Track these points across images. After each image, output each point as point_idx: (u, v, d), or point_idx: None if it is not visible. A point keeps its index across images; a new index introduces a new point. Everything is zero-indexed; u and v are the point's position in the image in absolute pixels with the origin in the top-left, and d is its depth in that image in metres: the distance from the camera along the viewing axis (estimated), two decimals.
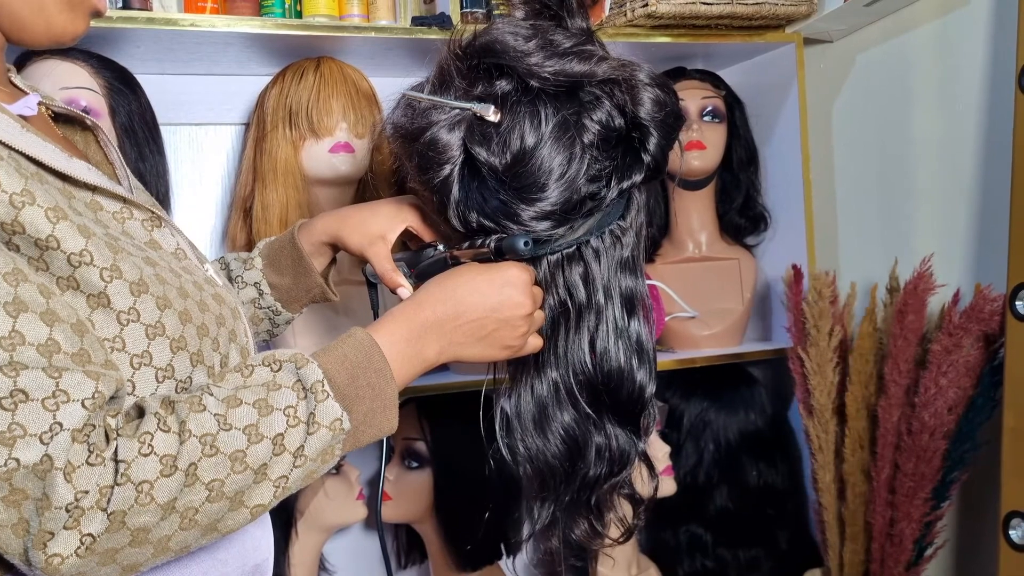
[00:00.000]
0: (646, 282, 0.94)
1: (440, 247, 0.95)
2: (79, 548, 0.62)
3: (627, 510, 1.00)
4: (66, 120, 0.89)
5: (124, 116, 1.33)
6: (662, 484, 1.55)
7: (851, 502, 1.52)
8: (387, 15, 1.52)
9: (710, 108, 1.70)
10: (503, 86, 0.85)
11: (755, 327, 1.83)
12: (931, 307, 1.44)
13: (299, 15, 1.48)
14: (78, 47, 1.32)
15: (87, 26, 0.80)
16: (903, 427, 1.42)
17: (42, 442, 0.61)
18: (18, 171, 0.66)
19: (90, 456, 0.62)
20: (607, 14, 1.60)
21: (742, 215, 1.79)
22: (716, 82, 1.75)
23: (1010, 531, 1.23)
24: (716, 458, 1.70)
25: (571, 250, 0.89)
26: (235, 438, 0.67)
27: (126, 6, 1.34)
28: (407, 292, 0.96)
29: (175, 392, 0.72)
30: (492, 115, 0.85)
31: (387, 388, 0.76)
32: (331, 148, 1.44)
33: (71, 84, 1.29)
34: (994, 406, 1.36)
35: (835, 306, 1.56)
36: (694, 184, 1.73)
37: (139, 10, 1.34)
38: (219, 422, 0.67)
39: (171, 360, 0.72)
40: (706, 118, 1.70)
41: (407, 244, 1.03)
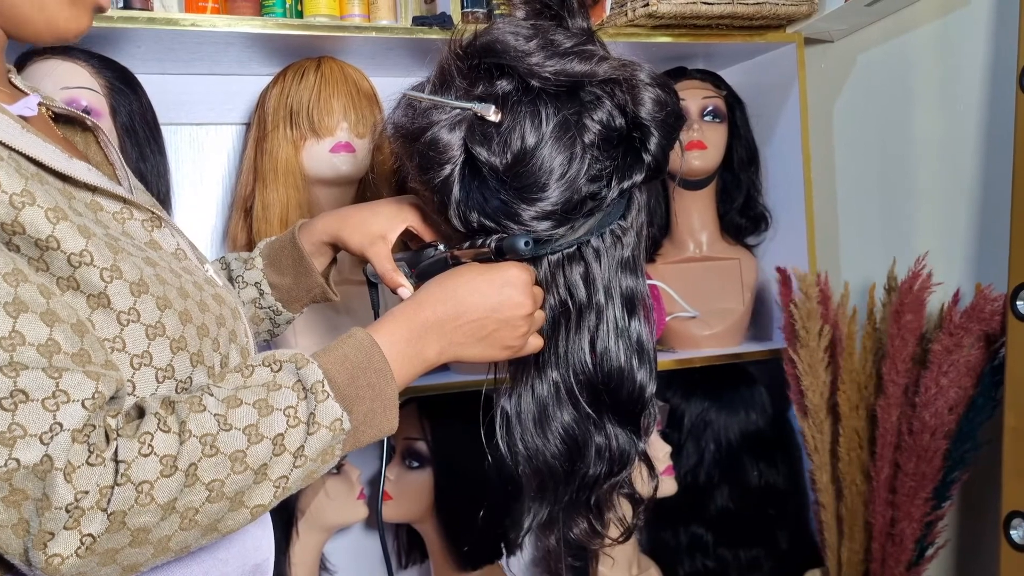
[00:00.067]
0: (647, 282, 0.94)
1: (441, 247, 0.95)
2: (79, 548, 0.62)
3: (627, 510, 1.00)
4: (66, 121, 0.88)
5: (125, 116, 1.33)
6: (663, 484, 1.55)
7: (850, 502, 1.52)
8: (388, 15, 1.52)
9: (711, 108, 1.70)
10: (504, 86, 0.85)
11: (756, 327, 1.83)
12: (931, 307, 1.44)
13: (300, 15, 1.48)
14: (79, 47, 1.32)
15: (90, 22, 0.79)
16: (903, 427, 1.42)
17: (42, 442, 0.61)
18: (18, 172, 0.66)
19: (90, 456, 0.62)
20: (608, 14, 1.59)
21: (743, 215, 1.78)
22: (717, 82, 1.75)
23: (1011, 531, 1.23)
24: (717, 458, 1.70)
25: (572, 250, 0.89)
26: (235, 438, 0.67)
27: (127, 6, 1.34)
28: (408, 292, 0.96)
29: (175, 392, 0.72)
30: (493, 115, 0.85)
31: (387, 388, 0.76)
32: (332, 148, 1.43)
33: (72, 84, 1.29)
34: (995, 406, 1.36)
35: (827, 306, 1.56)
36: (695, 184, 1.73)
37: (140, 10, 1.34)
38: (219, 422, 0.67)
39: (171, 360, 0.72)
40: (707, 118, 1.70)
41: (408, 244, 1.03)
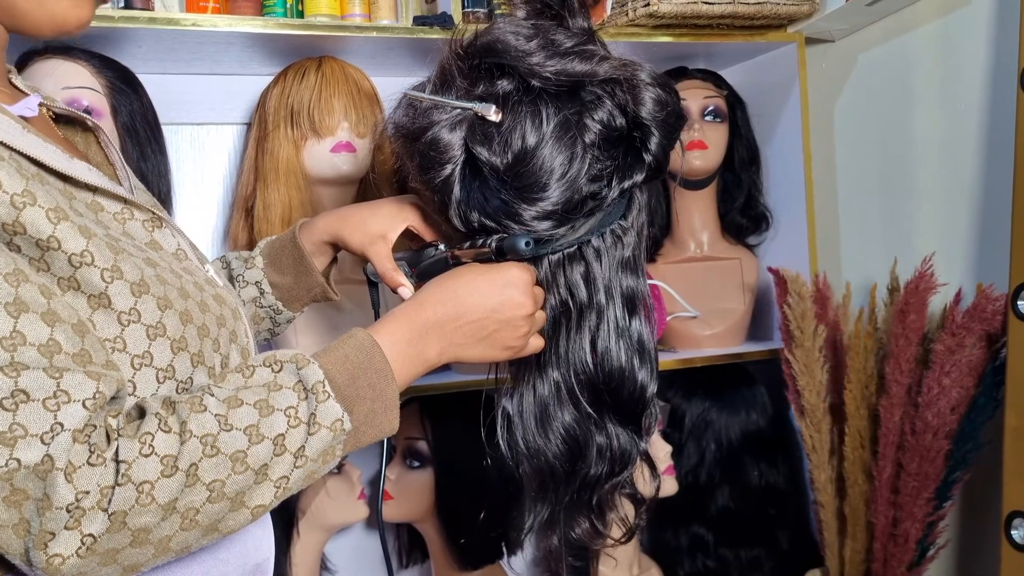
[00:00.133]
0: (647, 282, 0.94)
1: (441, 247, 0.95)
2: (80, 548, 0.62)
3: (629, 510, 1.00)
4: (67, 121, 0.88)
5: (126, 116, 1.33)
6: (664, 484, 1.55)
7: (854, 501, 1.52)
8: (389, 15, 1.52)
9: (712, 108, 1.70)
10: (504, 86, 0.85)
11: (757, 327, 1.83)
12: (932, 307, 1.44)
13: (301, 15, 1.48)
14: (80, 47, 1.32)
15: (92, 12, 0.77)
16: (906, 427, 1.42)
17: (43, 442, 0.61)
18: (19, 172, 0.66)
19: (91, 456, 0.62)
20: (609, 14, 1.59)
21: (744, 215, 1.78)
22: (718, 82, 1.75)
23: (1012, 531, 1.23)
24: (718, 458, 1.70)
25: (572, 249, 0.89)
26: (236, 438, 0.67)
27: (128, 6, 1.35)
28: (408, 291, 0.96)
29: (176, 393, 0.72)
30: (493, 115, 0.85)
31: (388, 389, 0.76)
32: (332, 148, 1.43)
33: (73, 84, 1.29)
34: (996, 406, 1.36)
35: (825, 306, 1.56)
36: (696, 184, 1.73)
37: (141, 10, 1.34)
38: (220, 422, 0.67)
39: (172, 361, 0.72)
40: (708, 118, 1.70)
41: (409, 244, 1.03)
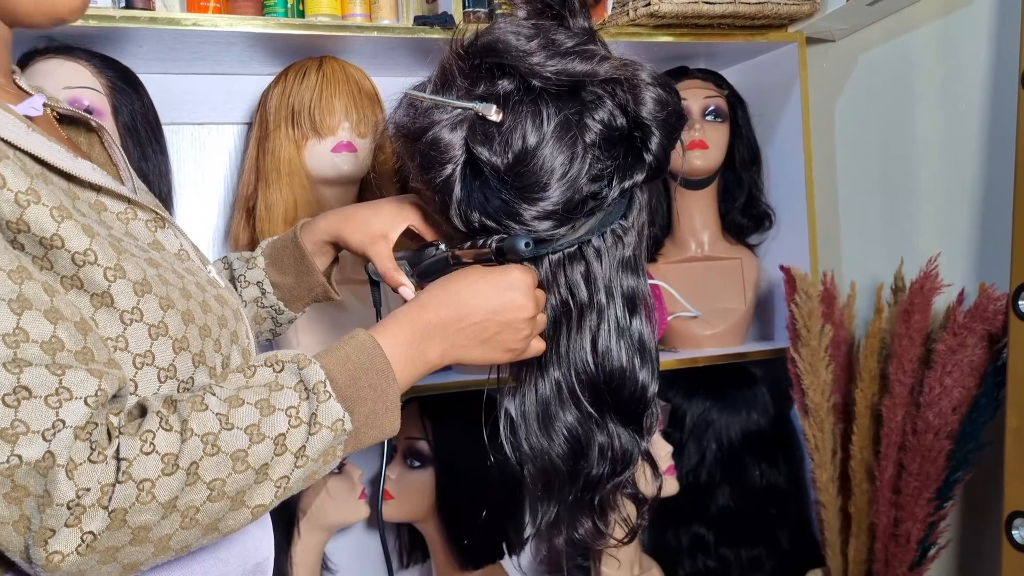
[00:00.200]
0: (648, 281, 0.94)
1: (442, 246, 0.95)
2: (80, 546, 0.62)
3: (630, 510, 1.00)
4: (71, 122, 0.89)
5: (127, 115, 1.33)
6: (665, 484, 1.55)
7: (858, 500, 1.52)
8: (389, 14, 1.52)
9: (712, 107, 1.70)
10: (505, 86, 0.85)
11: (757, 327, 1.83)
12: (935, 307, 1.44)
13: (301, 15, 1.48)
14: (81, 47, 1.32)
15: (86, 1, 0.76)
16: (907, 427, 1.42)
17: (44, 439, 0.61)
18: (24, 170, 0.66)
19: (92, 454, 0.62)
20: (609, 13, 1.59)
21: (744, 214, 1.78)
22: (718, 81, 1.75)
23: (1013, 531, 1.23)
24: (718, 458, 1.70)
25: (573, 249, 0.89)
26: (237, 437, 0.67)
27: (129, 5, 1.34)
28: (408, 291, 0.96)
29: (177, 392, 0.72)
30: (494, 115, 0.85)
31: (389, 389, 0.76)
32: (333, 147, 1.43)
33: (74, 83, 1.29)
34: (997, 406, 1.36)
35: (831, 306, 1.56)
36: (696, 183, 1.73)
37: (142, 9, 1.34)
38: (221, 421, 0.67)
39: (173, 360, 0.72)
40: (708, 117, 1.70)
41: (410, 243, 1.03)
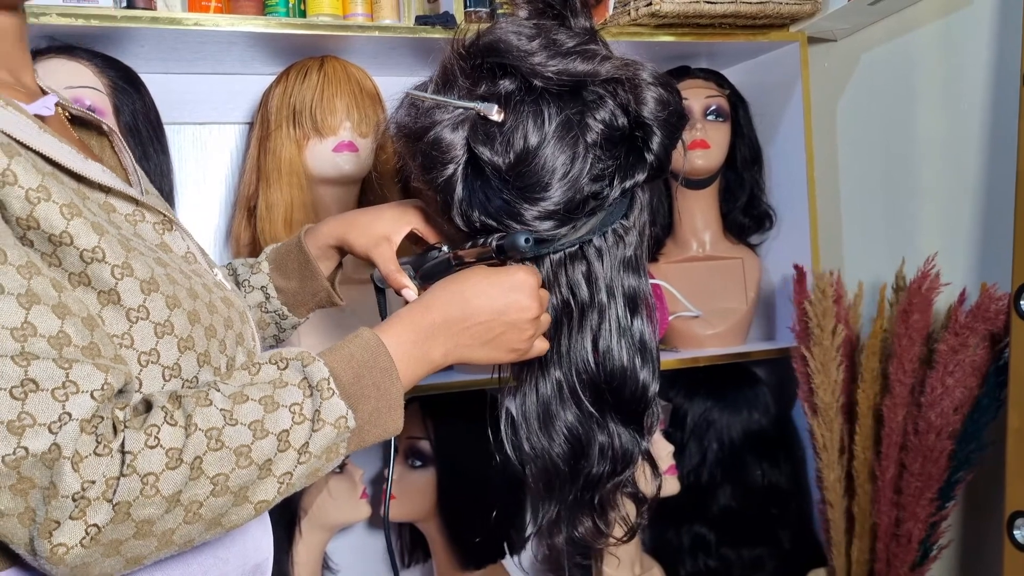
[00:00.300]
0: (649, 281, 0.94)
1: (444, 248, 0.95)
2: (84, 538, 0.62)
3: (630, 509, 1.01)
4: (82, 124, 0.89)
5: (128, 115, 1.33)
6: (666, 483, 1.55)
7: (862, 501, 1.52)
8: (391, 14, 1.52)
9: (714, 107, 1.70)
10: (506, 85, 0.86)
11: (759, 326, 1.83)
12: (936, 306, 1.44)
13: (303, 14, 1.48)
14: (82, 47, 1.32)
15: None
16: (909, 427, 1.42)
17: (51, 431, 0.61)
18: (35, 168, 0.67)
19: (98, 447, 0.62)
20: (611, 13, 1.59)
21: (746, 214, 1.78)
22: (720, 81, 1.75)
23: (1014, 531, 1.23)
24: (719, 457, 1.70)
25: (574, 249, 0.89)
26: (240, 433, 0.67)
27: (130, 5, 1.35)
28: (412, 293, 0.96)
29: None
30: (495, 114, 0.85)
31: (393, 388, 0.76)
32: (335, 147, 1.43)
33: (75, 83, 1.29)
34: (999, 406, 1.36)
35: (839, 305, 1.56)
36: (698, 183, 1.73)
37: (143, 9, 1.34)
38: (225, 417, 0.67)
39: (178, 359, 0.72)
40: (710, 117, 1.70)
41: (413, 247, 1.03)
